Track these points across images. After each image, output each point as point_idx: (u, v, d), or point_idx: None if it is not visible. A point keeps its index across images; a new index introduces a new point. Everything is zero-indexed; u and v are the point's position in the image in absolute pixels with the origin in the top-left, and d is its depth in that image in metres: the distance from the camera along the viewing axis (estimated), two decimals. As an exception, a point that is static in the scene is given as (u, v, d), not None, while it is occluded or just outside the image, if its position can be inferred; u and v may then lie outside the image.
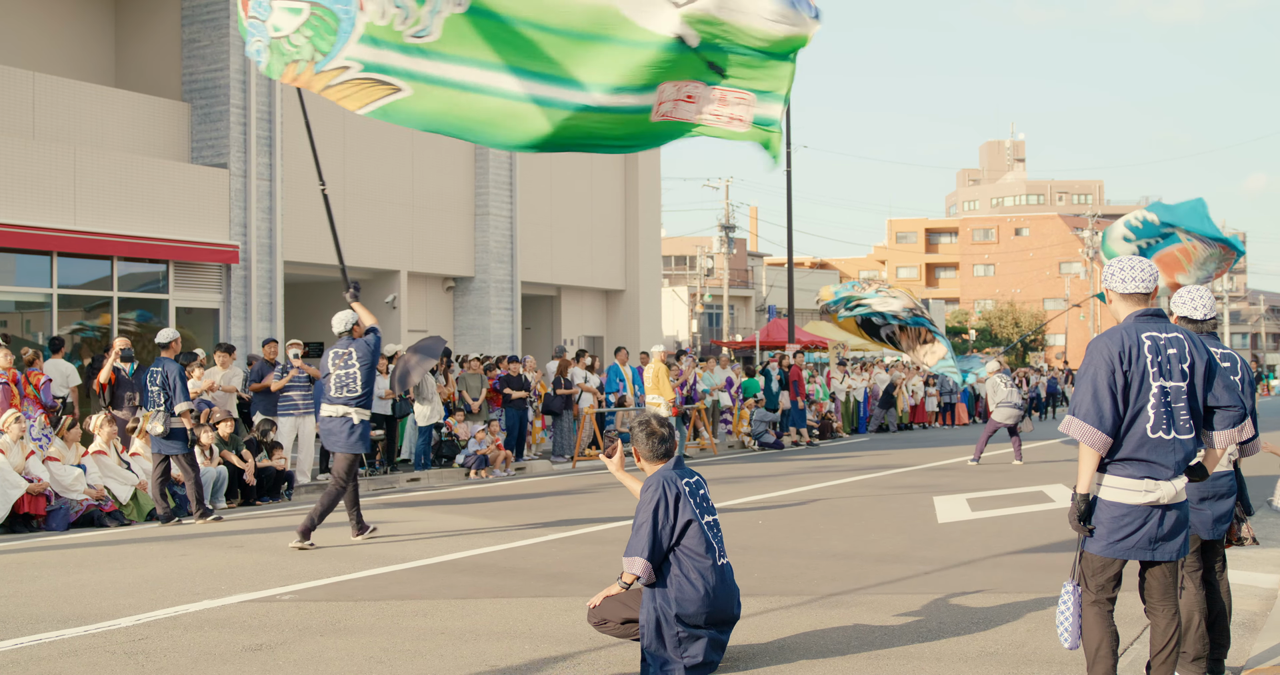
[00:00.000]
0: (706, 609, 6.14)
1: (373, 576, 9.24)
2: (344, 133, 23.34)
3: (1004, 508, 13.40)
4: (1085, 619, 5.29)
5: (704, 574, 6.19)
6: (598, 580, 8.96)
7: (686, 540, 6.24)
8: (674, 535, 6.23)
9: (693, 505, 6.31)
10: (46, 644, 6.97)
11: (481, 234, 26.44)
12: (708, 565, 6.22)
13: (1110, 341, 5.22)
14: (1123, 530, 5.17)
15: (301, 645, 6.92)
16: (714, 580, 6.20)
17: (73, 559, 10.38)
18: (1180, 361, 5.19)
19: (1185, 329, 5.33)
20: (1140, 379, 5.16)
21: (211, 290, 20.58)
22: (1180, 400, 5.18)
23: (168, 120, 20.67)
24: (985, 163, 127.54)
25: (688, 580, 6.17)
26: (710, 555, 6.25)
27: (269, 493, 15.14)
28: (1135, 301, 5.33)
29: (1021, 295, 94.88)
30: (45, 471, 12.57)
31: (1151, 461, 5.14)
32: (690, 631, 6.12)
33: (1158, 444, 5.14)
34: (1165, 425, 5.14)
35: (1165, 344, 5.21)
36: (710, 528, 6.35)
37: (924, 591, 8.44)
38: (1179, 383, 5.18)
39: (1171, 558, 5.21)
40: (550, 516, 12.98)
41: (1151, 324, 5.27)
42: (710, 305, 56.38)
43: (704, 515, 6.35)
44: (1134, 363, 5.17)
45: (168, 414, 12.70)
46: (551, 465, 20.20)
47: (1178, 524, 5.18)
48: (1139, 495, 5.15)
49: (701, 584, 6.16)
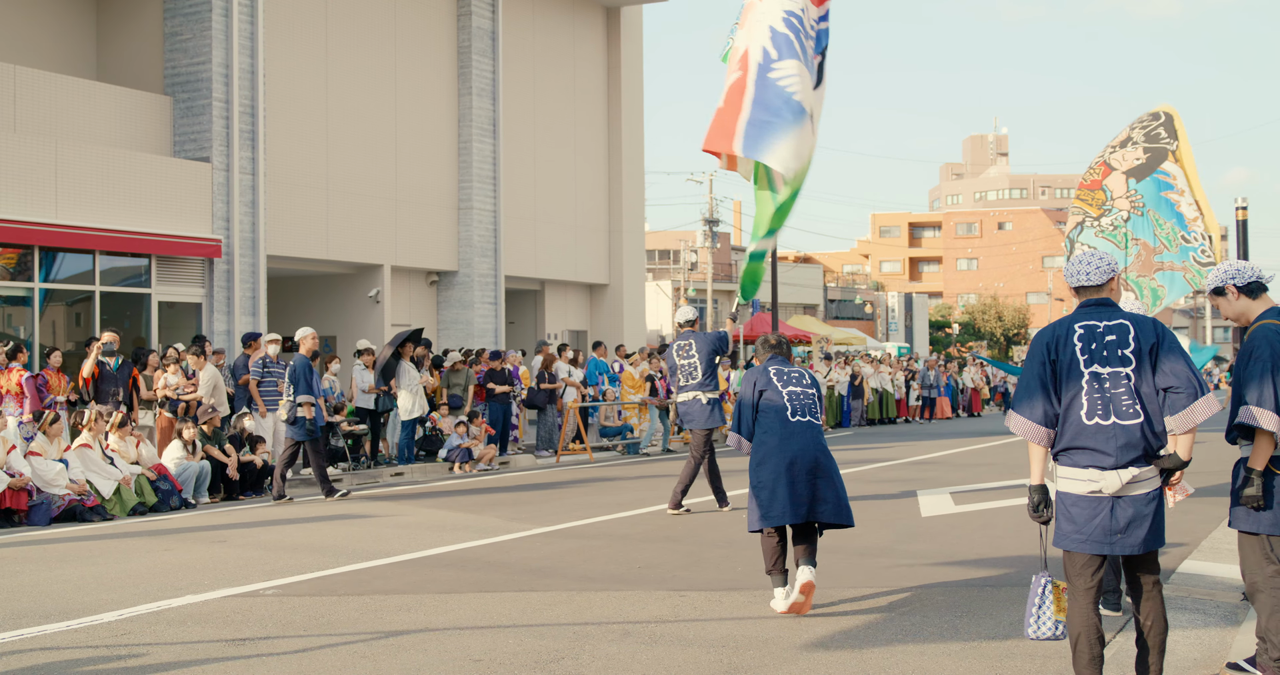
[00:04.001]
0: (779, 456, 7.52)
1: (356, 571, 9.23)
2: (326, 126, 23.28)
3: (988, 501, 13.43)
4: (1069, 609, 5.31)
5: (772, 429, 7.66)
6: (582, 575, 8.97)
7: (761, 407, 7.79)
8: (754, 407, 7.82)
9: (770, 379, 7.84)
10: (28, 639, 6.95)
11: (465, 228, 26.40)
12: (777, 420, 7.66)
13: (1044, 333, 5.35)
14: (1075, 521, 5.23)
15: (285, 640, 6.91)
16: (781, 433, 7.61)
17: (54, 554, 10.34)
18: (1120, 347, 5.19)
19: (1138, 316, 5.31)
20: (1069, 366, 5.23)
21: (194, 284, 20.51)
22: (1120, 385, 5.16)
23: (150, 114, 20.58)
24: (968, 157, 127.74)
25: (761, 438, 7.71)
26: (782, 414, 7.67)
27: (252, 487, 15.11)
28: (1086, 293, 5.43)
29: (1005, 289, 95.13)
30: (27, 466, 12.52)
31: (1091, 449, 5.15)
32: (761, 483, 7.57)
33: (1095, 430, 5.15)
34: (1101, 411, 5.15)
35: (1103, 331, 5.24)
36: (791, 396, 7.76)
37: (908, 585, 8.47)
38: (1118, 367, 5.17)
39: (1133, 552, 5.18)
40: (534, 511, 12.98)
41: (1092, 313, 5.33)
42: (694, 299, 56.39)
43: (785, 387, 7.81)
44: (1061, 351, 5.25)
45: (292, 404, 14.09)
46: (535, 460, 20.19)
47: (1135, 517, 5.14)
48: (1083, 484, 5.19)
49: (770, 437, 7.64)
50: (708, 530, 11.32)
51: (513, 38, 28.07)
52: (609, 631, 7.06)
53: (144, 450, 14.02)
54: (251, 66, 21.10)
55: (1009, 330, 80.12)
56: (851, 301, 65.87)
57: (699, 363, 12.67)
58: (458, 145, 26.51)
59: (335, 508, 13.45)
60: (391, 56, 24.89)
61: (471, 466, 18.15)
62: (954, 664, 6.32)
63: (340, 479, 16.71)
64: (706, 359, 12.64)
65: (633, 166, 31.94)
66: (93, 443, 13.30)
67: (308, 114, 22.97)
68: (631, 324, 31.59)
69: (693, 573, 9.06)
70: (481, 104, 26.58)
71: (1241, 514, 5.76)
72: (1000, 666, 6.26)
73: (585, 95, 30.79)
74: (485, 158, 26.68)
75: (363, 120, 24.17)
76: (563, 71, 29.99)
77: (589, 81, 30.92)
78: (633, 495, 14.42)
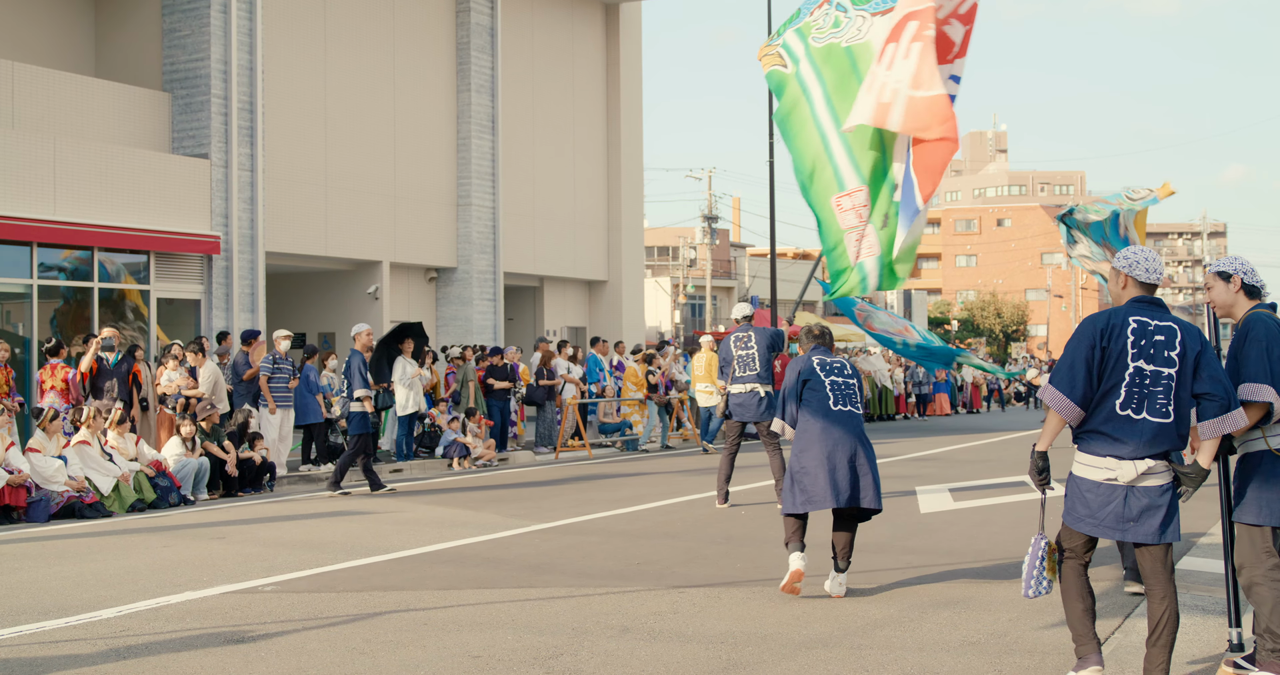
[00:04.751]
0: (820, 444, 7.88)
1: (355, 567, 9.23)
2: (325, 123, 23.26)
3: (987, 498, 13.43)
4: (1063, 572, 5.58)
5: (814, 417, 8.02)
6: (580, 571, 8.97)
7: (804, 396, 8.14)
8: (798, 396, 8.16)
9: (814, 369, 8.18)
10: (27, 636, 6.94)
11: (464, 224, 26.39)
12: (818, 409, 8.03)
13: (1097, 319, 5.46)
14: (1089, 506, 5.41)
15: (283, 637, 6.91)
16: (823, 421, 7.98)
17: (53, 550, 10.33)
18: (1167, 348, 5.34)
19: (1185, 322, 5.45)
20: (1118, 357, 5.36)
21: (193, 281, 20.50)
22: (1160, 384, 5.31)
23: (148, 110, 20.56)
24: (967, 153, 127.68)
25: (803, 425, 8.07)
26: (824, 403, 8.04)
27: (251, 484, 15.10)
28: (1143, 289, 5.56)
29: (1004, 286, 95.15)
30: (25, 463, 12.51)
31: (1114, 437, 5.32)
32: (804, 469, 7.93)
33: (1124, 421, 5.31)
34: (1136, 404, 5.31)
35: (1154, 330, 5.37)
36: (834, 386, 8.12)
37: (906, 581, 8.47)
38: (1161, 367, 5.33)
39: (1147, 541, 5.33)
40: (533, 507, 12.97)
41: (1146, 310, 5.45)
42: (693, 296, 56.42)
43: (828, 376, 8.16)
44: (1114, 341, 5.38)
45: (347, 398, 14.46)
46: (534, 456, 20.18)
47: (1149, 507, 5.31)
48: (1100, 472, 5.37)
49: (813, 425, 7.99)
50: (706, 526, 11.32)
51: (511, 34, 28.05)
52: (608, 628, 7.06)
53: (143, 447, 14.01)
54: (250, 63, 21.09)
55: (1008, 327, 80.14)
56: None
57: (757, 355, 12.76)
58: (456, 142, 26.50)
59: (334, 505, 13.45)
60: (390, 53, 24.88)
61: (470, 462, 18.14)
62: (953, 660, 6.32)
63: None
64: (764, 353, 12.78)
65: (631, 163, 31.92)
66: (91, 440, 13.28)
67: (306, 110, 22.96)
68: (630, 321, 31.58)
69: (691, 569, 9.06)
70: (480, 100, 26.57)
71: (1250, 506, 5.76)
72: (1000, 662, 6.26)
73: (584, 91, 30.77)
74: (484, 154, 26.67)
75: (361, 116, 24.16)
76: (561, 68, 29.97)
77: (588, 78, 30.90)
78: (631, 492, 14.42)
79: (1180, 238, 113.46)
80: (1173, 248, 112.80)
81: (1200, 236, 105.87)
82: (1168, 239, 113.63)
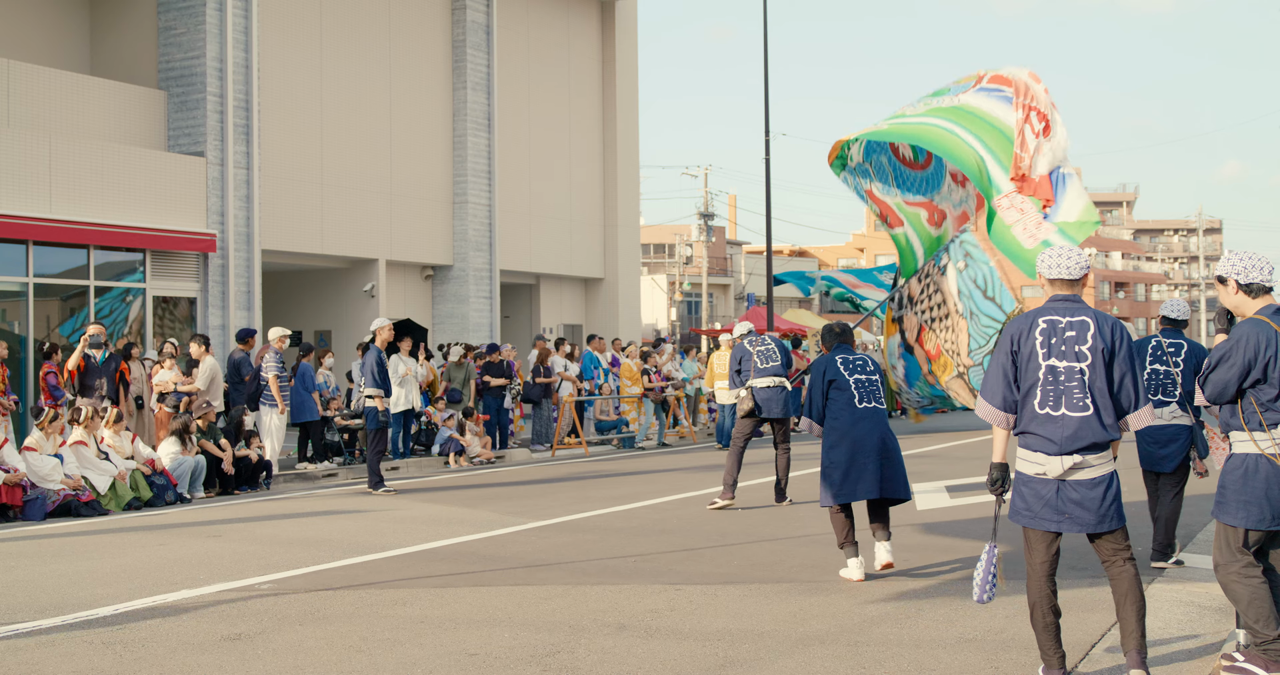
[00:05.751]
0: (848, 441, 8.36)
1: (351, 565, 9.22)
2: (321, 121, 23.25)
3: (982, 495, 13.43)
4: (1028, 582, 5.67)
5: (841, 414, 8.45)
6: (577, 568, 8.97)
7: (830, 395, 8.55)
8: (824, 395, 8.57)
9: (838, 369, 8.58)
10: (23, 634, 6.94)
11: (460, 222, 26.38)
12: (845, 407, 8.45)
13: (1011, 326, 5.69)
14: (1026, 500, 5.57)
15: (280, 634, 6.91)
16: (850, 419, 8.42)
17: (49, 549, 10.33)
18: (1078, 343, 5.49)
19: (1103, 315, 5.59)
20: (1029, 358, 5.55)
21: (189, 279, 20.48)
22: (1074, 379, 5.47)
23: (144, 108, 20.54)
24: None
25: (830, 423, 8.50)
26: (850, 401, 8.45)
27: (247, 482, 15.10)
28: (1058, 286, 5.67)
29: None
30: (21, 461, 12.50)
31: (1040, 436, 5.48)
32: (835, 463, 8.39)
33: (1045, 420, 5.48)
34: (1053, 402, 5.47)
35: (1065, 327, 5.52)
36: (858, 384, 8.53)
37: (903, 578, 8.48)
38: (1073, 362, 5.48)
39: (1081, 531, 5.47)
40: (530, 505, 12.97)
41: (1058, 308, 5.60)
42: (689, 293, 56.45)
43: (852, 375, 8.56)
44: (1023, 344, 5.57)
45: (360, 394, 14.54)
46: (531, 454, 20.19)
47: (1082, 500, 5.45)
48: (1032, 467, 5.54)
49: (840, 422, 8.44)
50: (703, 524, 11.33)
51: (507, 32, 28.04)
52: (605, 625, 7.06)
53: (139, 445, 14.00)
54: (246, 61, 21.07)
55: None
56: (847, 295, 65.77)
57: (776, 349, 13.09)
58: (452, 139, 26.49)
59: (330, 502, 13.44)
60: (386, 51, 24.86)
61: (466, 460, 18.14)
62: (949, 657, 6.32)
63: (336, 473, 16.71)
64: (781, 347, 13.20)
65: (627, 160, 31.93)
66: (87, 438, 13.27)
67: (302, 108, 22.94)
68: (627, 318, 31.58)
69: (688, 566, 9.06)
70: (476, 98, 26.55)
71: (1230, 506, 5.77)
72: (996, 659, 6.27)
73: (580, 89, 30.77)
74: (480, 152, 26.66)
75: (357, 114, 24.14)
76: (557, 65, 29.97)
77: (584, 75, 30.89)
78: (628, 489, 14.43)
79: (1176, 234, 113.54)
80: (1169, 244, 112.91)
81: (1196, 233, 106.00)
82: (1163, 235, 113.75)
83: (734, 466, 12.56)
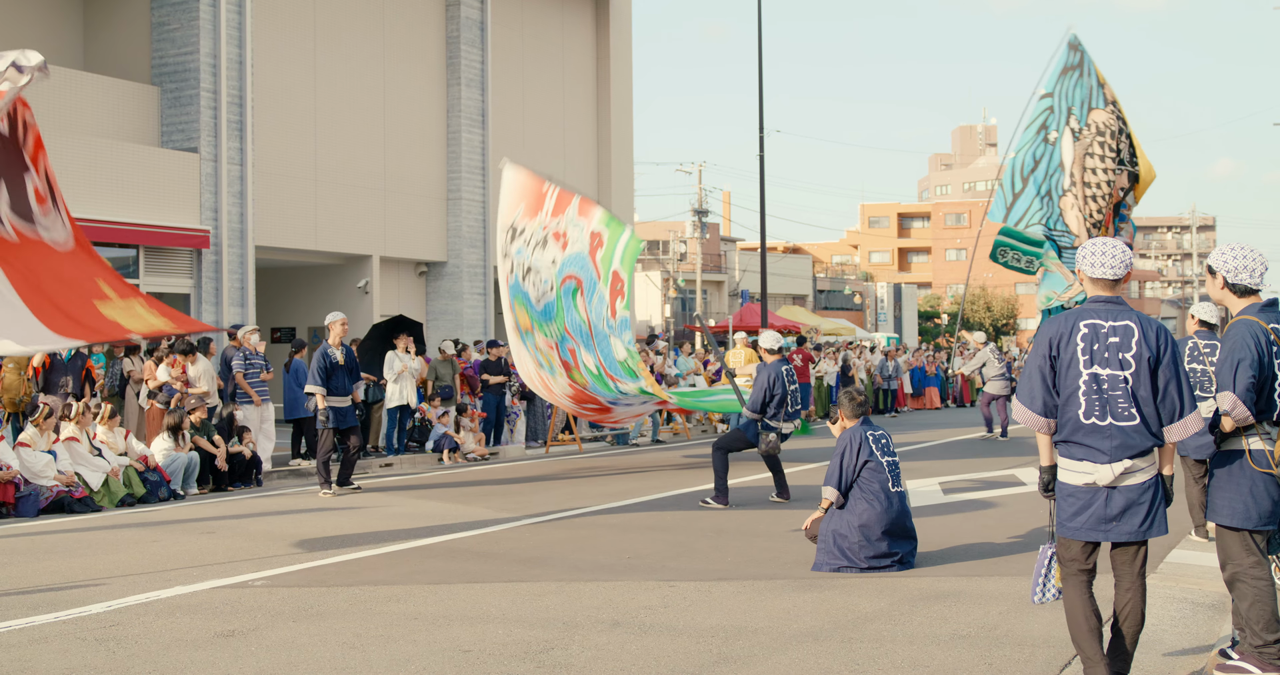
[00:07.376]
0: (883, 522, 8.49)
1: (345, 562, 9.22)
2: (315, 117, 23.21)
3: (976, 491, 13.46)
4: (1064, 589, 5.38)
5: (878, 496, 8.55)
6: (571, 565, 8.97)
7: (864, 474, 8.62)
8: (855, 471, 8.64)
9: (872, 449, 8.69)
10: (16, 631, 6.93)
11: (454, 218, 26.36)
12: (881, 490, 8.57)
13: (1049, 327, 5.35)
14: (1072, 509, 5.27)
15: (274, 631, 6.90)
16: (886, 502, 8.55)
17: (43, 545, 10.31)
18: (1122, 350, 5.20)
19: (1147, 318, 5.30)
20: (1069, 366, 5.26)
21: (182, 275, 20.45)
22: (1118, 388, 5.18)
23: (137, 104, 20.50)
24: (957, 147, 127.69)
25: (866, 502, 8.55)
26: (885, 484, 8.61)
27: (240, 478, 15.08)
28: (1100, 286, 5.37)
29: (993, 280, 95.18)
30: (14, 458, 12.48)
31: (1087, 445, 5.21)
32: (867, 540, 8.49)
33: (1091, 430, 5.20)
34: (1098, 412, 5.19)
35: (1107, 332, 5.23)
36: (890, 466, 8.70)
37: (896, 574, 8.48)
38: (1117, 371, 5.19)
39: (1128, 539, 5.22)
40: (523, 501, 12.97)
41: (1099, 311, 5.30)
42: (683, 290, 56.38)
43: (884, 456, 8.71)
44: (1063, 350, 5.27)
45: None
46: (525, 450, 20.18)
47: (1129, 505, 5.19)
48: (1078, 476, 5.25)
49: (877, 503, 8.53)
50: (697, 520, 11.33)
51: (502, 28, 28.00)
52: (598, 622, 7.06)
53: (132, 441, 13.98)
54: (239, 57, 21.03)
55: (998, 320, 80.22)
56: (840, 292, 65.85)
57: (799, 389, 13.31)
58: (446, 136, 26.46)
59: (325, 499, 13.43)
60: (380, 47, 24.82)
61: (460, 456, 18.13)
62: (943, 653, 6.33)
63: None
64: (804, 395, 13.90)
65: (622, 156, 31.91)
66: (80, 435, 13.25)
67: (296, 104, 22.90)
68: (621, 315, 31.52)
69: (682, 563, 9.07)
70: (470, 94, 26.52)
71: (1223, 508, 5.77)
72: (990, 655, 6.28)
73: (574, 86, 30.74)
74: (474, 148, 26.63)
75: (351, 111, 24.10)
76: (552, 62, 29.94)
77: (578, 72, 30.86)
78: (622, 486, 14.43)
79: (1169, 231, 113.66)
80: (1162, 241, 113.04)
81: (1189, 230, 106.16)
82: (1157, 233, 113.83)
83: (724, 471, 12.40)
